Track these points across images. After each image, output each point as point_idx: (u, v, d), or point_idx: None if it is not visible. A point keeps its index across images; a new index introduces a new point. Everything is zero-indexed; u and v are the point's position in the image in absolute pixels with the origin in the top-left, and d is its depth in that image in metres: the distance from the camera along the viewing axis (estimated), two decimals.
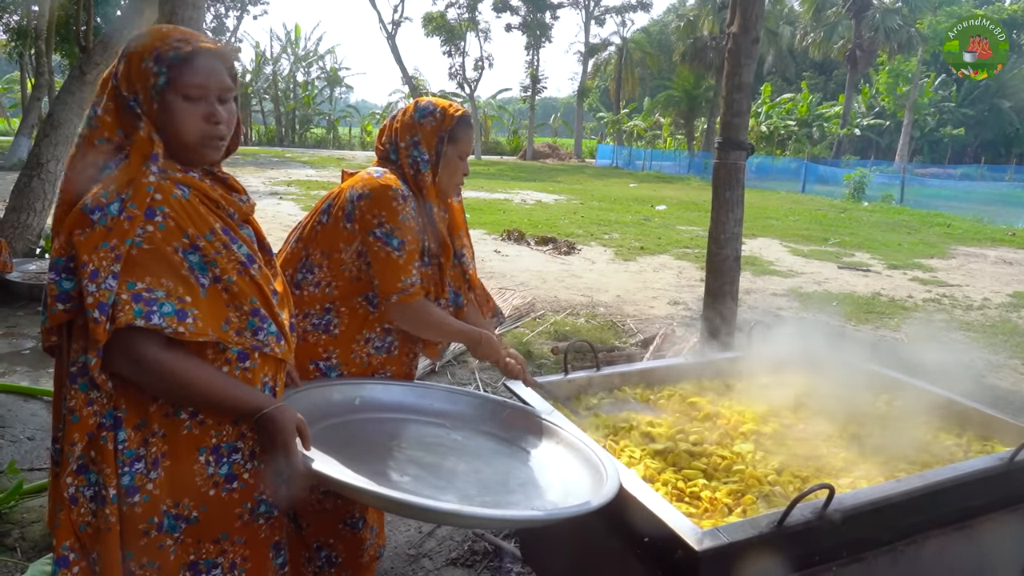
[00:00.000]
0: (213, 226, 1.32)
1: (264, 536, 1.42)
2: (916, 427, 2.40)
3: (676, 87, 37.38)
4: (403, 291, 1.90)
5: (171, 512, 1.30)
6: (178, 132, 1.30)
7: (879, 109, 36.99)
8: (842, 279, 8.74)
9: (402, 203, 1.90)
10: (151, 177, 1.24)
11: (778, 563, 1.70)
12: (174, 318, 1.23)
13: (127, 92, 1.27)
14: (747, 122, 4.58)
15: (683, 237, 11.60)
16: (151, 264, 1.23)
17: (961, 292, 8.18)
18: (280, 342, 1.41)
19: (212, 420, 1.33)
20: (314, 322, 2.01)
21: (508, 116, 52.43)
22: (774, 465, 2.05)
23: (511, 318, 5.88)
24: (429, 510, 1.41)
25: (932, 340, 5.98)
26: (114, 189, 1.22)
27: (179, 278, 1.25)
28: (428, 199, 1.99)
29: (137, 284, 1.21)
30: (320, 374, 2.03)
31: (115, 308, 1.18)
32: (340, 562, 2.13)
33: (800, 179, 24.55)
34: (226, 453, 1.35)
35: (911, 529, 1.92)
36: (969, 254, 11.31)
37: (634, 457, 2.07)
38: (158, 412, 1.29)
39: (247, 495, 1.38)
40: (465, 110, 2.03)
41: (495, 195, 17.82)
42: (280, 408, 1.35)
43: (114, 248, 1.19)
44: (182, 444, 1.30)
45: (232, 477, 1.36)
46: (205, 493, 1.33)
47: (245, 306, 1.34)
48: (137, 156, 1.26)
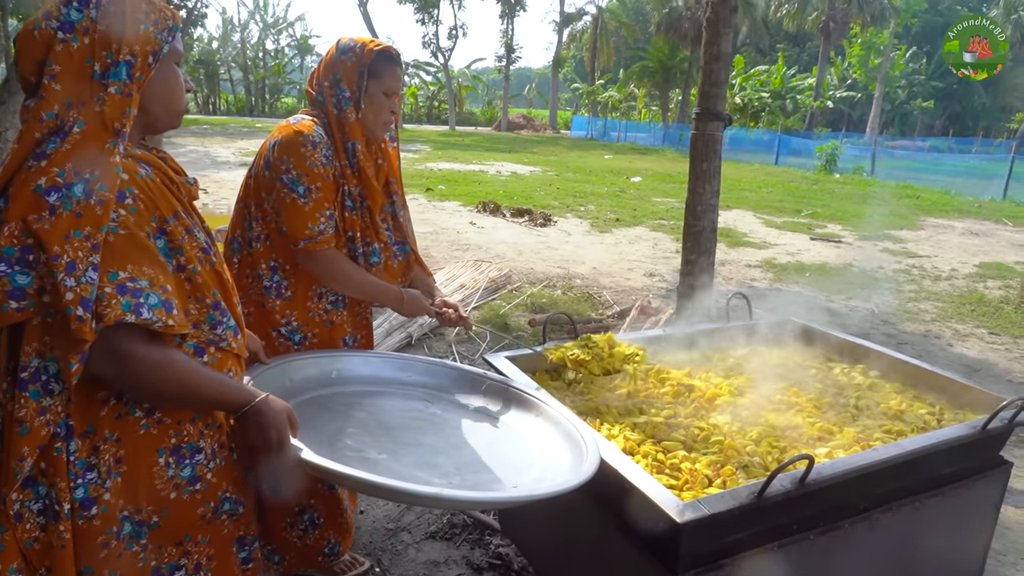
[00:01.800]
0: (176, 209, 1.24)
1: (227, 532, 1.36)
2: (890, 396, 2.43)
3: (651, 58, 37.15)
4: (309, 239, 1.87)
5: (133, 518, 1.22)
6: (171, 101, 1.26)
7: (851, 81, 37.24)
8: (815, 250, 8.83)
9: (311, 149, 1.85)
10: (116, 157, 1.13)
11: (758, 533, 1.72)
12: (162, 310, 1.13)
13: (112, 56, 1.14)
14: (725, 92, 4.55)
15: (658, 209, 11.62)
16: (130, 251, 1.12)
17: (930, 263, 8.32)
18: (237, 336, 1.34)
19: (170, 419, 1.24)
20: (265, 284, 1.98)
21: (482, 86, 51.82)
22: (752, 436, 2.05)
23: (487, 290, 5.85)
24: (408, 493, 1.39)
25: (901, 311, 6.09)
26: (71, 168, 1.09)
27: (158, 265, 1.16)
28: (352, 138, 1.93)
29: (119, 274, 1.10)
30: (283, 340, 2.01)
31: (99, 304, 1.07)
32: (322, 523, 2.14)
33: (773, 151, 24.69)
34: (188, 454, 1.27)
35: (887, 496, 1.95)
36: (937, 225, 11.50)
37: (613, 430, 2.06)
38: (108, 416, 1.19)
39: (210, 495, 1.31)
40: (388, 45, 1.94)
41: (470, 166, 17.66)
42: (268, 401, 1.28)
43: (89, 236, 1.07)
44: (139, 446, 1.22)
45: (195, 479, 1.28)
46: (165, 497, 1.25)
47: (207, 298, 1.26)
48: (99, 131, 1.13)
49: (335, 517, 2.17)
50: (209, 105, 45.28)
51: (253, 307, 2.01)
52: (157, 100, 1.23)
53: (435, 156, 20.18)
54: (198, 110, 43.88)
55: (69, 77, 1.12)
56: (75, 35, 1.13)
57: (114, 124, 1.14)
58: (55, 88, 1.12)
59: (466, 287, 5.75)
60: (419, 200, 11.40)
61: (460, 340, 4.75)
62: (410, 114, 47.23)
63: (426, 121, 47.46)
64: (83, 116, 1.12)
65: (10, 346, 1.13)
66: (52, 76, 1.12)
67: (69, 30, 1.13)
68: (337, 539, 2.20)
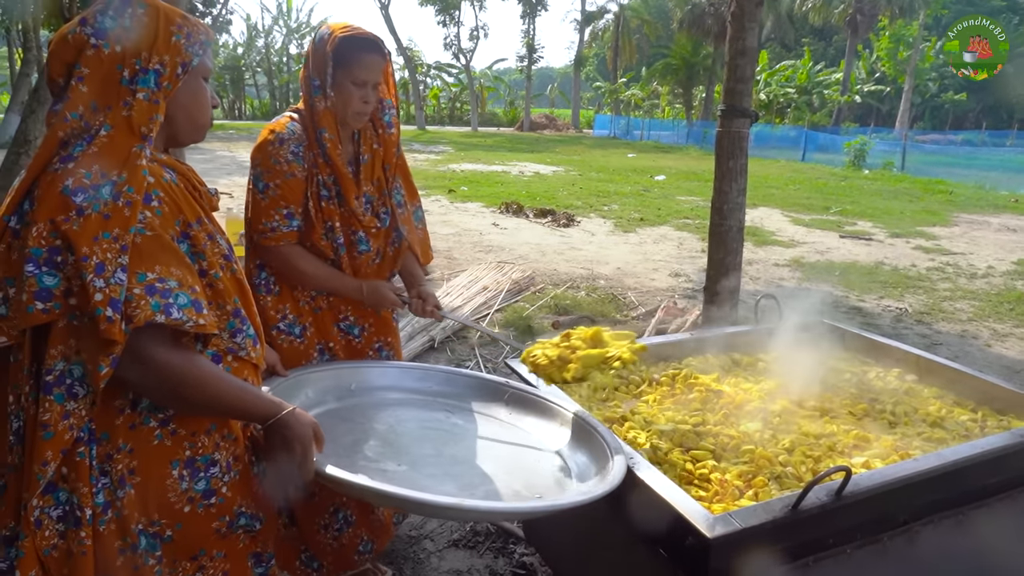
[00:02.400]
0: (199, 214, 1.24)
1: (243, 547, 1.34)
2: (928, 402, 2.34)
3: (674, 55, 36.84)
4: (261, 234, 1.92)
5: (148, 531, 1.20)
6: (197, 114, 1.28)
7: (880, 75, 36.52)
8: (844, 248, 8.65)
9: (277, 146, 1.88)
10: (143, 160, 1.14)
11: (792, 547, 1.64)
12: (192, 310, 1.12)
13: (142, 64, 1.16)
14: (751, 88, 4.45)
15: (683, 208, 11.48)
16: (157, 252, 1.12)
17: (965, 260, 8.09)
18: (256, 346, 1.32)
19: (185, 431, 1.22)
20: (254, 283, 2.00)
21: (504, 87, 51.86)
22: (784, 444, 1.98)
23: (510, 292, 5.80)
24: (428, 504, 1.35)
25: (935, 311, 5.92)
26: (98, 170, 1.10)
27: (185, 266, 1.15)
28: (320, 126, 1.90)
29: (148, 275, 1.09)
30: (285, 335, 2.02)
31: (128, 305, 1.06)
32: (355, 520, 2.13)
33: (800, 147, 24.31)
34: (203, 467, 1.24)
35: (928, 509, 1.86)
36: (972, 221, 11.21)
37: (639, 438, 2.00)
38: (123, 425, 1.17)
39: (225, 509, 1.28)
40: (359, 31, 1.88)
41: (492, 167, 17.63)
42: (295, 413, 1.26)
43: (117, 238, 1.07)
44: (153, 458, 1.20)
45: (210, 492, 1.25)
46: (180, 510, 1.22)
47: (228, 305, 1.25)
48: (126, 135, 1.14)
49: (367, 514, 2.15)
50: (235, 110, 45.93)
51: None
52: (182, 112, 1.26)
53: (457, 157, 20.19)
54: (224, 115, 44.49)
55: (97, 80, 1.15)
56: (107, 42, 1.16)
57: (141, 128, 1.16)
58: (82, 90, 1.14)
59: (489, 289, 5.71)
60: (441, 201, 11.40)
61: (483, 343, 4.71)
62: (432, 115, 47.44)
63: (448, 122, 47.64)
64: (110, 120, 1.14)
65: (33, 349, 1.12)
66: (80, 78, 1.14)
67: (102, 36, 1.16)
68: (370, 536, 2.18)
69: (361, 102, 1.89)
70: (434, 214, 10.15)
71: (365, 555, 2.19)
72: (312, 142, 1.92)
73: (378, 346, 2.17)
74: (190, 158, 9.13)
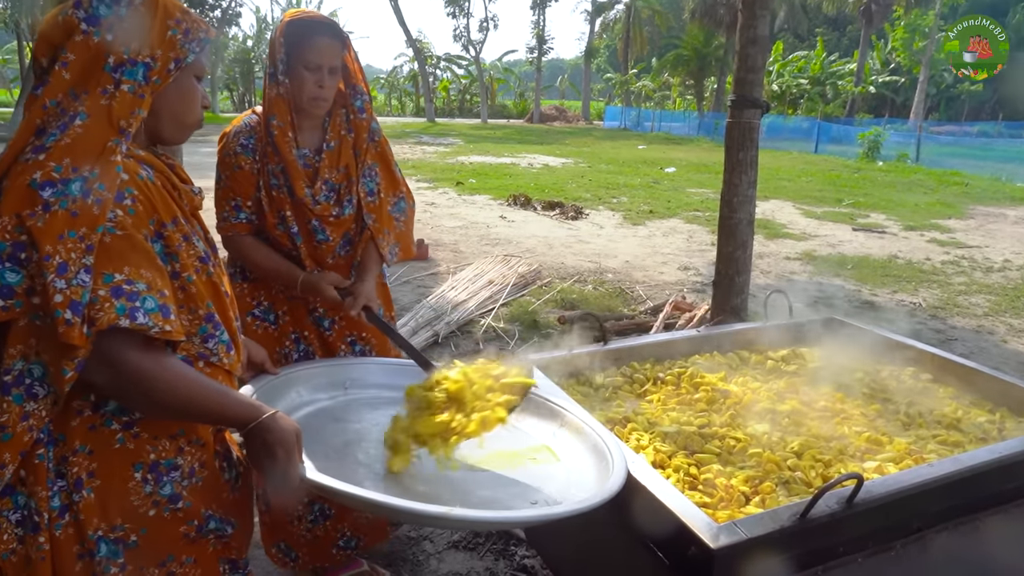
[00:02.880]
0: (176, 215, 1.19)
1: (214, 551, 1.29)
2: (944, 402, 2.26)
3: (686, 46, 36.50)
4: (217, 224, 1.93)
5: (108, 537, 1.15)
6: (184, 112, 1.23)
7: (894, 65, 36.00)
8: (857, 241, 8.51)
9: (230, 140, 1.91)
10: (118, 156, 1.09)
11: (800, 556, 1.58)
12: (159, 315, 1.07)
13: (131, 55, 1.11)
14: (762, 78, 4.35)
15: (693, 200, 11.35)
16: (127, 252, 1.06)
17: (981, 253, 7.94)
18: (230, 352, 1.27)
19: (148, 434, 1.17)
20: (230, 272, 2.01)
21: (514, 79, 51.64)
22: (793, 447, 1.91)
23: (516, 286, 5.73)
24: (415, 514, 1.30)
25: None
26: (69, 163, 1.04)
27: (156, 268, 1.10)
28: (270, 112, 1.88)
29: (115, 276, 1.04)
30: (260, 322, 2.05)
31: (92, 307, 1.02)
32: (332, 514, 2.10)
33: (813, 139, 24.03)
34: (165, 471, 1.20)
35: (943, 515, 1.78)
36: (988, 214, 11.02)
37: (642, 440, 1.93)
38: (81, 427, 1.12)
39: (192, 513, 1.23)
40: (308, 14, 1.88)
41: (501, 159, 17.53)
42: (276, 417, 1.21)
43: (84, 237, 1.02)
44: (114, 460, 1.15)
45: (175, 497, 1.21)
46: (144, 514, 1.17)
47: (200, 309, 1.20)
48: (103, 127, 1.08)
49: (348, 509, 2.08)
50: (245, 103, 45.94)
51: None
52: (169, 109, 1.21)
53: (466, 150, 20.10)
54: (234, 108, 44.56)
55: (79, 67, 1.10)
56: (98, 30, 1.11)
57: (120, 122, 1.10)
58: (64, 76, 1.09)
59: (495, 283, 5.65)
60: (449, 194, 11.33)
61: (488, 338, 4.65)
62: (442, 108, 47.32)
63: (458, 115, 47.49)
64: (86, 107, 1.09)
65: None
66: (64, 64, 1.10)
67: (94, 23, 1.11)
68: (354, 532, 2.13)
69: (316, 86, 1.84)
70: (441, 207, 10.09)
71: (347, 551, 2.14)
72: (263, 129, 1.91)
73: (351, 340, 2.11)
74: (195, 152, 9.11)
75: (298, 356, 2.07)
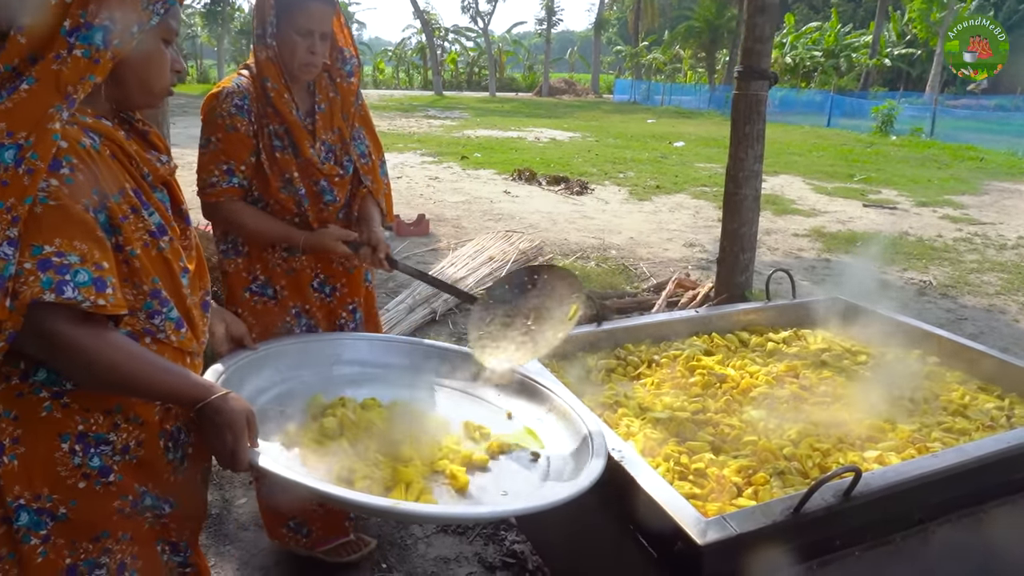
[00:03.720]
0: (123, 185, 1.13)
1: (150, 529, 1.25)
2: (951, 387, 2.17)
3: (697, 17, 35.84)
4: (202, 189, 1.85)
5: (31, 507, 1.12)
6: (150, 78, 1.17)
7: (911, 38, 35.24)
8: (868, 218, 8.35)
9: (219, 101, 1.81)
10: (57, 123, 1.02)
11: (795, 548, 1.50)
12: (91, 288, 1.02)
13: (87, 17, 1.05)
14: (770, 49, 4.20)
15: (701, 175, 11.17)
16: (60, 223, 1.02)
17: (994, 230, 7.77)
18: (180, 329, 1.21)
19: (78, 405, 1.13)
20: (222, 248, 1.95)
21: (523, 51, 51.01)
22: (791, 435, 1.83)
23: (517, 263, 5.64)
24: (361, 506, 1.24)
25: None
26: (3, 128, 0.99)
27: (94, 240, 1.05)
28: (263, 75, 1.82)
29: (45, 248, 1.00)
30: (258, 297, 1.98)
31: (16, 280, 0.98)
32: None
33: (825, 113, 23.61)
34: (94, 443, 1.15)
35: (945, 507, 1.70)
36: (1003, 190, 10.79)
37: (632, 427, 1.86)
38: (8, 392, 1.09)
39: (126, 488, 1.19)
40: None
41: (507, 133, 17.33)
42: (226, 398, 1.17)
43: (11, 208, 0.98)
44: (39, 428, 1.11)
45: (106, 470, 1.16)
46: (73, 486, 1.14)
47: (145, 285, 1.14)
48: (48, 92, 1.02)
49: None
50: None
51: (222, 274, 1.99)
52: (133, 74, 1.15)
53: (473, 123, 19.89)
54: None
55: (36, 32, 1.03)
56: None
57: (67, 87, 1.04)
58: (20, 41, 1.03)
59: (495, 259, 5.56)
60: (453, 168, 11.19)
61: None
62: (450, 81, 46.82)
63: (466, 88, 47.00)
64: (36, 72, 1.02)
65: None
66: (20, 28, 1.03)
67: None
68: None
69: (307, 52, 1.79)
70: (444, 181, 9.97)
71: (358, 520, 2.20)
72: (259, 94, 1.83)
73: (352, 307, 2.09)
74: (180, 124, 9.00)
75: (300, 330, 2.01)
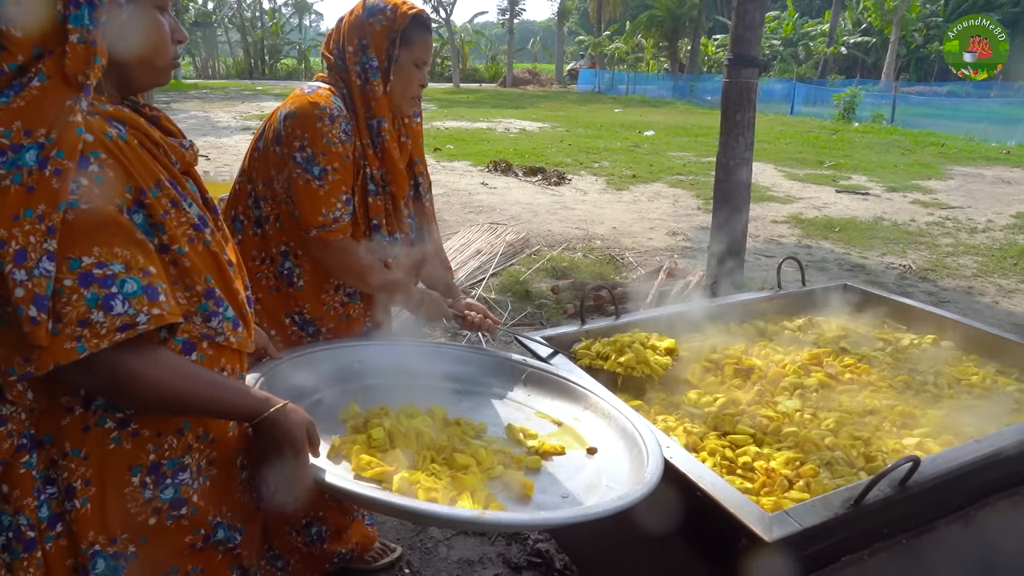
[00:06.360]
0: (159, 177, 1.01)
1: (223, 559, 1.16)
2: (970, 371, 2.18)
3: (659, 6, 35.96)
4: (323, 226, 1.64)
5: (106, 552, 1.01)
6: (151, 52, 1.04)
7: (866, 26, 35.96)
8: (842, 203, 8.48)
9: (328, 124, 1.61)
10: (78, 116, 0.90)
11: (847, 540, 1.49)
12: (143, 298, 0.91)
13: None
14: (760, 36, 4.21)
15: (675, 164, 11.22)
16: (95, 229, 0.91)
17: (964, 214, 7.97)
18: (238, 329, 1.11)
19: (149, 431, 1.03)
20: (279, 271, 1.76)
21: (486, 42, 50.66)
22: (828, 424, 1.81)
23: (505, 255, 5.59)
24: (443, 518, 1.19)
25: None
26: (20, 127, 0.87)
27: (135, 244, 0.93)
28: (377, 114, 1.69)
29: (83, 260, 0.89)
30: (296, 328, 1.81)
31: (57, 300, 0.87)
32: (329, 534, 2.00)
33: (788, 101, 23.97)
34: (169, 473, 1.05)
35: (983, 491, 1.71)
36: (966, 174, 11.08)
37: (669, 421, 1.83)
38: (73, 427, 0.98)
39: (199, 521, 1.10)
40: (421, 9, 1.70)
41: (477, 124, 17.21)
42: (285, 410, 1.09)
43: (44, 216, 0.86)
44: (109, 464, 1.01)
45: (179, 503, 1.07)
46: (143, 523, 1.04)
47: (198, 285, 1.03)
48: (61, 87, 0.91)
49: (342, 530, 2.02)
50: (208, 69, 44.54)
51: (263, 292, 1.78)
52: (133, 52, 1.03)
53: (441, 115, 19.69)
54: (197, 74, 43.16)
55: (34, 24, 0.92)
56: None
57: (77, 77, 0.92)
58: (15, 36, 0.90)
59: (483, 252, 5.50)
60: (427, 161, 11.04)
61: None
62: None
63: (430, 79, 46.55)
64: (46, 68, 0.91)
65: None
66: (11, 21, 0.91)
67: None
68: (347, 550, 2.06)
69: (419, 86, 1.73)
70: None
71: (341, 563, 2.07)
72: (362, 128, 1.69)
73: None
74: None
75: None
